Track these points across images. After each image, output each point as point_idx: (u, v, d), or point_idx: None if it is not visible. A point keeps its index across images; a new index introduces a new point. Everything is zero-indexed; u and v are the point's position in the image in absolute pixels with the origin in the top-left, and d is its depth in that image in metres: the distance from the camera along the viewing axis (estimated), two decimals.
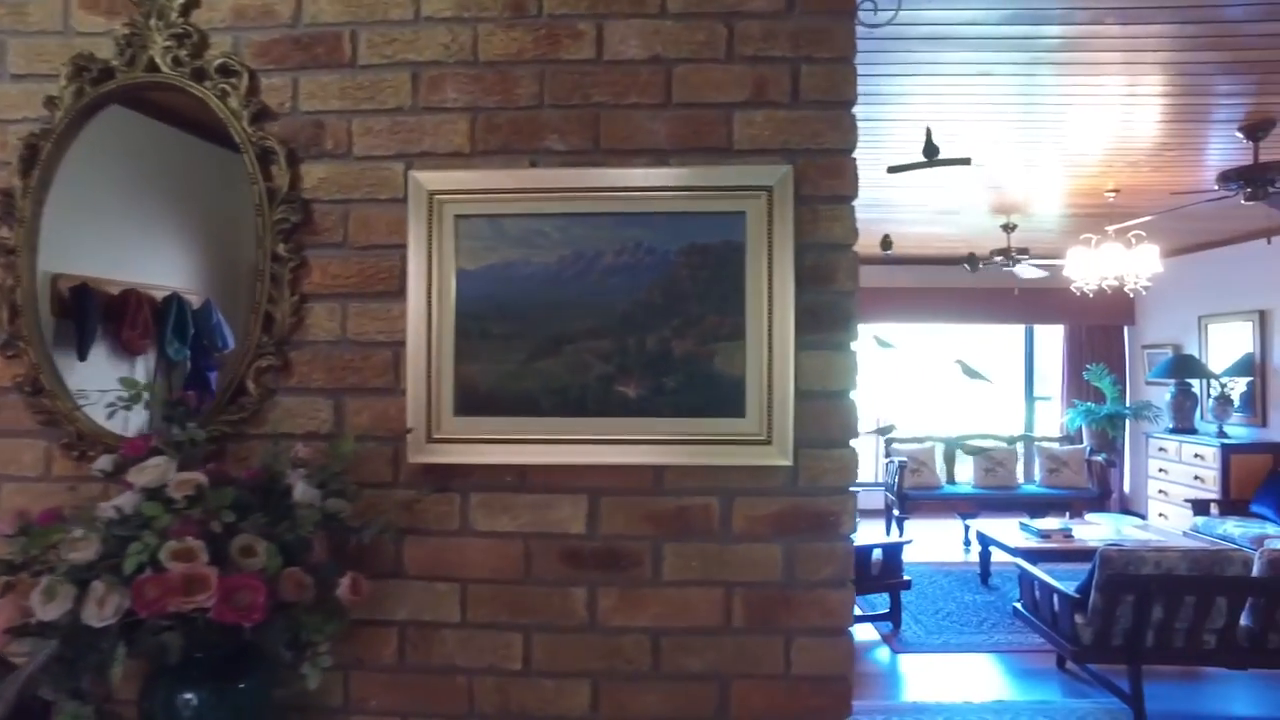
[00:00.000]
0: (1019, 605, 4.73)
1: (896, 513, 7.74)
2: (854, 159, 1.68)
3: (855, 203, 1.68)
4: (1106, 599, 3.92)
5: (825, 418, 1.65)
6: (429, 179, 1.68)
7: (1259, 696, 4.38)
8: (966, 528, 6.91)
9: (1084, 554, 5.83)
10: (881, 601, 5.44)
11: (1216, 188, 4.07)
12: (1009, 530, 6.01)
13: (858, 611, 5.59)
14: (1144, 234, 5.27)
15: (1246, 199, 3.94)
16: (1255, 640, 3.93)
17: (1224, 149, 4.28)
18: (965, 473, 8.23)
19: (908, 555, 7.22)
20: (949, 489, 7.94)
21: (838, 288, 1.66)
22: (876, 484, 8.83)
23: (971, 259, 5.97)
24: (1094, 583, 3.96)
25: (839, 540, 1.65)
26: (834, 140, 1.66)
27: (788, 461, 1.62)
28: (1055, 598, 4.24)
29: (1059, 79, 3.47)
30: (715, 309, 1.64)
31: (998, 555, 6.08)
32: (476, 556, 1.70)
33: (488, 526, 1.71)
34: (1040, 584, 4.41)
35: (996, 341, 13.68)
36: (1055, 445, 8.21)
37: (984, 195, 5.63)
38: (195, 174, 1.87)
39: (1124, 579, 3.86)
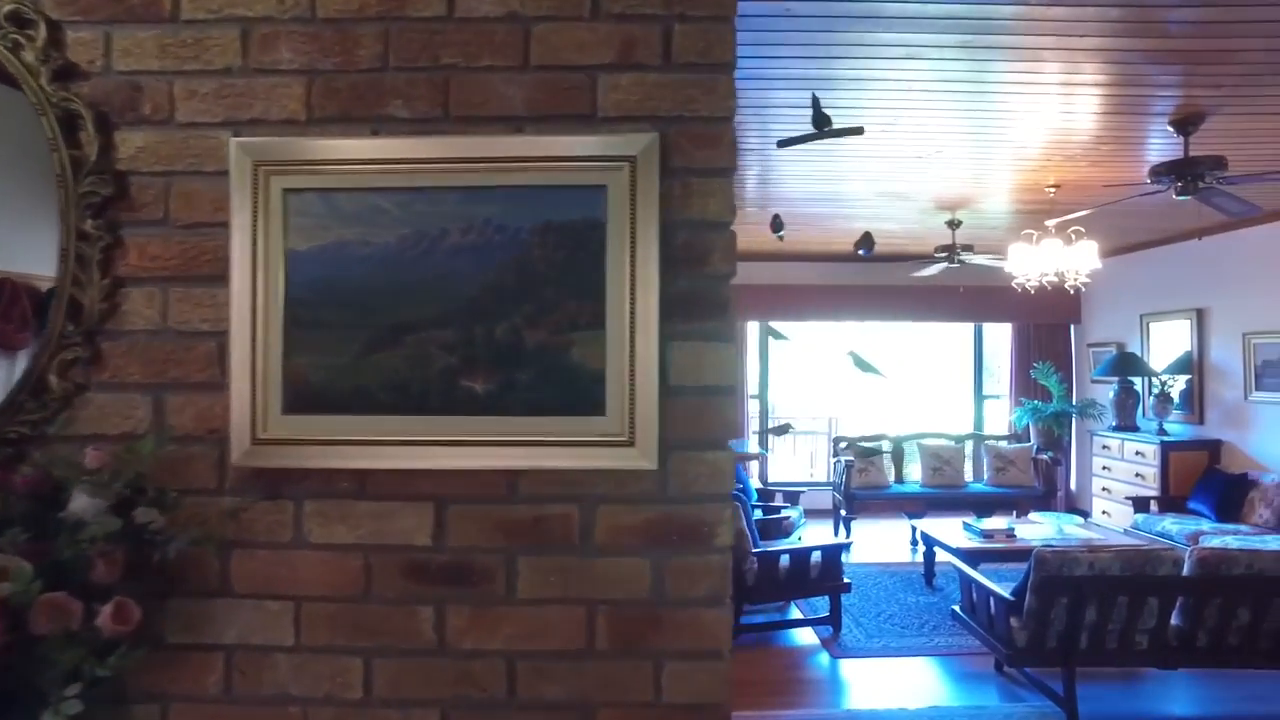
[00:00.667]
0: (958, 608, 4.64)
1: (844, 513, 7.65)
2: (732, 128, 1.52)
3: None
4: (1041, 601, 3.83)
5: (698, 417, 1.49)
6: (253, 147, 1.49)
7: (1191, 695, 4.34)
8: (914, 528, 6.83)
9: (1026, 554, 5.76)
10: (822, 605, 5.32)
11: (1149, 182, 4.01)
12: (952, 530, 5.93)
13: (797, 615, 5.48)
14: (1083, 230, 5.22)
15: (1178, 194, 3.88)
16: (1185, 639, 3.87)
17: (1158, 144, 4.23)
18: (916, 472, 8.19)
19: (854, 556, 7.19)
20: (897, 488, 7.87)
21: (712, 271, 1.50)
22: (825, 483, 8.77)
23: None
24: (1029, 585, 3.87)
25: (714, 553, 1.49)
26: (709, 107, 1.50)
27: (651, 465, 1.45)
28: (991, 600, 4.14)
29: (992, 63, 3.36)
30: (573, 294, 1.47)
31: (943, 555, 6.00)
32: (311, 572, 1.51)
33: (323, 538, 1.52)
34: (977, 586, 4.31)
35: (945, 339, 13.72)
36: (1002, 444, 8.20)
37: (925, 188, 5.54)
38: None
39: (1058, 581, 3.77)
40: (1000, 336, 9.62)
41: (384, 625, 1.51)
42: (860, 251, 5.13)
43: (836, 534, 7.68)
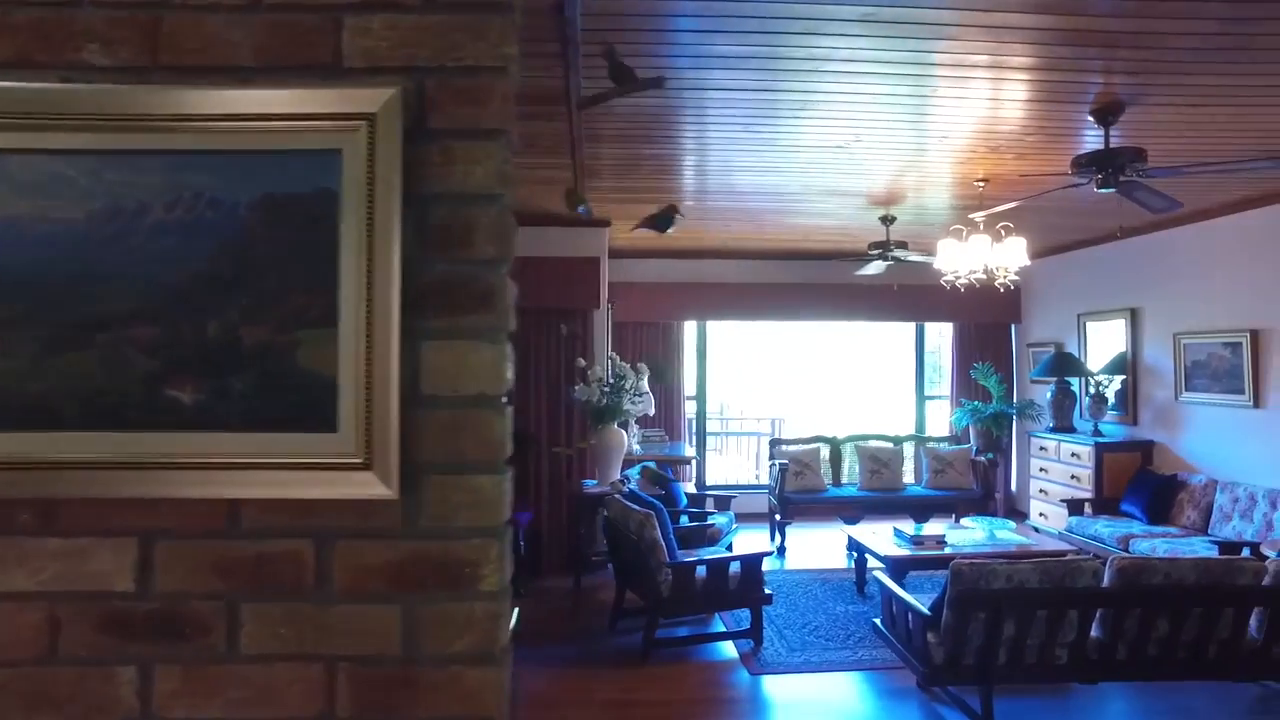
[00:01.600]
0: (878, 622, 4.44)
1: (778, 517, 7.45)
2: (509, 82, 1.26)
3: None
4: (958, 616, 3.64)
5: (457, 433, 1.22)
6: None
7: (1115, 710, 4.18)
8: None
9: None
10: (745, 617, 5.09)
11: (1070, 173, 3.85)
12: (883, 537, 5.75)
13: (721, 628, 5.25)
14: (1011, 226, 5.07)
15: (1098, 187, 3.72)
16: (1105, 652, 3.71)
17: (1081, 137, 4.07)
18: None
19: (788, 562, 6.99)
20: (834, 492, 7.69)
21: (476, 254, 1.24)
22: (760, 487, 8.57)
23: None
24: (945, 599, 3.67)
25: (479, 599, 1.23)
26: (477, 55, 1.24)
27: (391, 492, 1.18)
28: (910, 615, 3.94)
29: (903, 40, 3.14)
30: (301, 283, 1.19)
31: (876, 562, 5.82)
32: None
33: None
34: (896, 599, 4.11)
35: (889, 340, 13.62)
36: (941, 446, 8.06)
37: (853, 181, 5.34)
38: None
39: (975, 595, 3.58)
40: (944, 337, 9.52)
41: (73, 693, 1.22)
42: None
43: (773, 540, 7.48)
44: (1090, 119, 3.73)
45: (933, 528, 5.79)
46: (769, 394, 14.65)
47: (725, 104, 3.93)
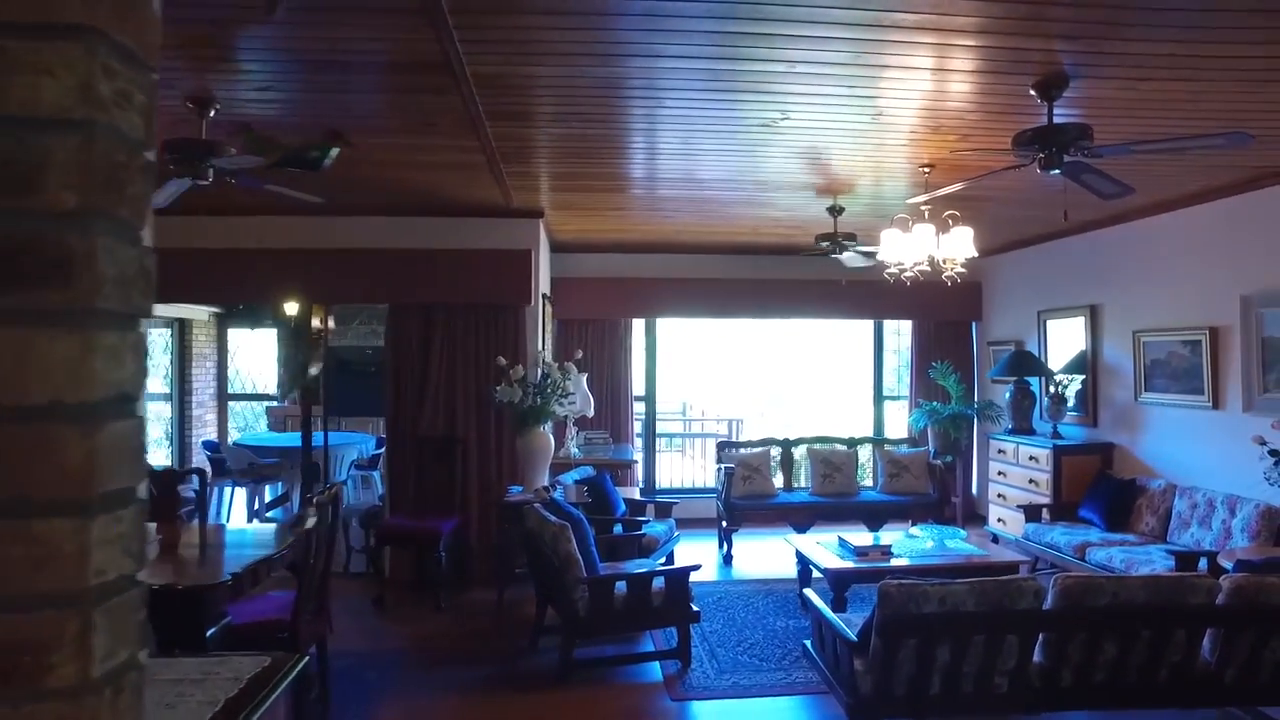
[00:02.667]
0: (809, 644, 4.09)
1: (725, 524, 7.10)
2: None
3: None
4: (886, 642, 3.28)
5: (18, 461, 0.84)
6: None
7: None
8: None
9: (906, 574, 5.29)
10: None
11: (1011, 151, 3.51)
12: (825, 548, 5.41)
13: (651, 647, 4.88)
14: (959, 215, 4.74)
15: (1042, 168, 3.39)
16: (1048, 679, 3.38)
17: (1026, 115, 3.72)
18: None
19: (734, 572, 6.64)
20: (784, 497, 7.35)
21: (49, 205, 0.85)
22: (709, 490, 8.23)
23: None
24: (873, 624, 3.32)
25: (47, 701, 0.84)
26: None
27: None
28: (837, 639, 3.59)
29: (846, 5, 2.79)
30: None
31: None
32: None
33: None
34: (825, 620, 3.76)
35: (849, 338, 13.33)
36: (898, 448, 7.75)
37: (794, 167, 4.99)
38: None
39: (905, 619, 3.23)
40: (904, 335, 9.23)
41: None
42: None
43: (721, 548, 7.12)
44: (1033, 93, 3.39)
45: (889, 535, 5.45)
46: (728, 395, 14.36)
47: (667, 77, 3.55)
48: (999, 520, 7.29)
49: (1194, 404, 5.73)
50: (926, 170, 4.81)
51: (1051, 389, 7.06)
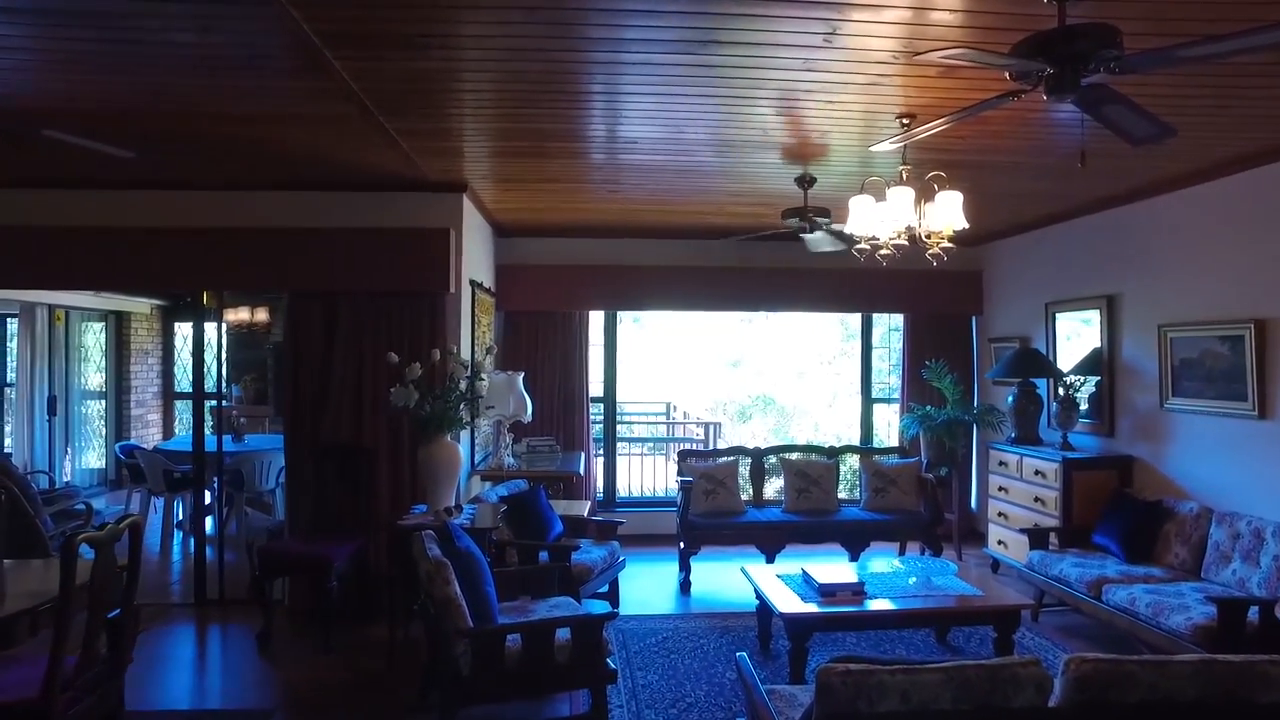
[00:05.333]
0: None
1: (683, 546, 6.17)
2: None
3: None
4: None
5: None
6: None
7: None
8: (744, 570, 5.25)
9: (881, 621, 4.37)
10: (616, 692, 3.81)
11: (1008, 78, 2.58)
12: (785, 585, 4.47)
13: (567, 711, 3.96)
14: (945, 176, 3.81)
15: (1049, 92, 2.46)
16: None
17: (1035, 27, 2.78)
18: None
19: (692, 603, 5.70)
20: (752, 515, 6.41)
21: None
22: (669, 502, 7.30)
23: None
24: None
25: None
26: None
27: None
28: None
29: None
30: None
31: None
32: None
33: None
34: (756, 703, 2.83)
35: (833, 332, 12.36)
36: (884, 459, 6.80)
37: (740, 112, 4.05)
38: None
39: None
40: (897, 330, 8.29)
41: None
42: None
43: (681, 570, 6.20)
44: None
45: (840, 572, 4.50)
46: (712, 396, 13.42)
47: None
48: (1000, 543, 6.33)
49: (1234, 412, 4.77)
50: (906, 122, 3.87)
51: (1061, 392, 6.11)
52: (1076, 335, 6.45)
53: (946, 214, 3.69)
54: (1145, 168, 4.88)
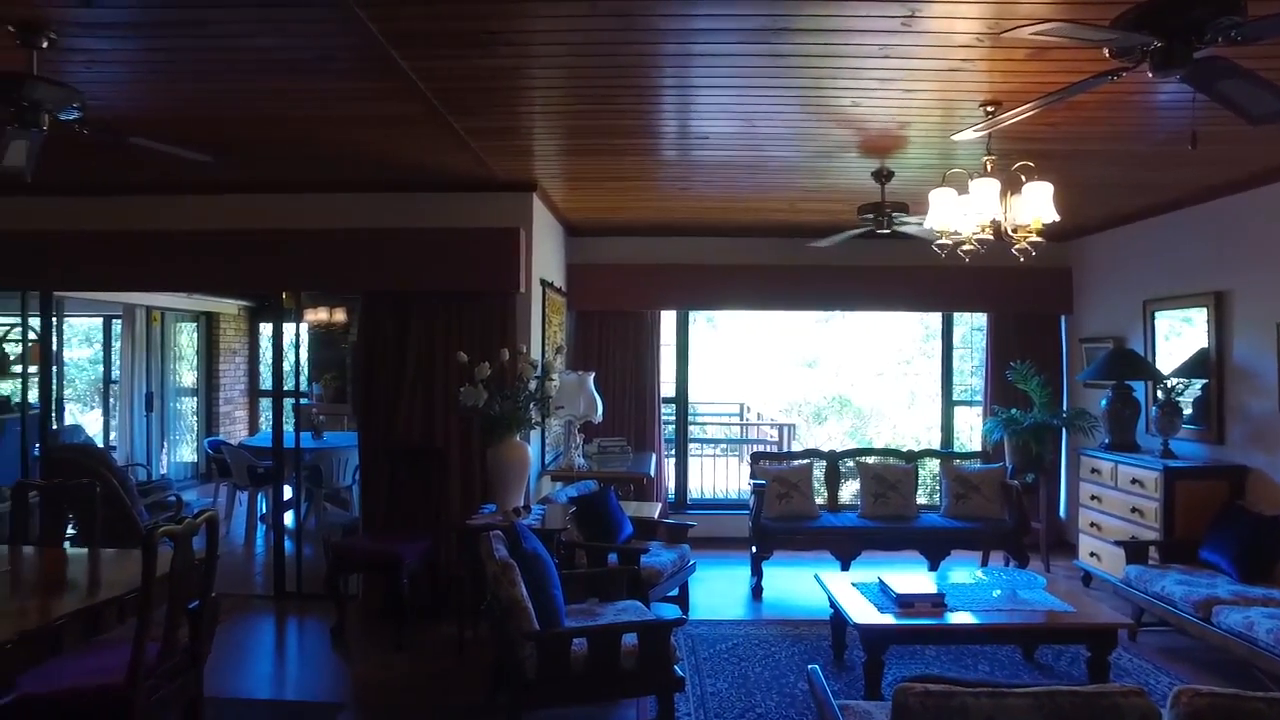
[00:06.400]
0: None
1: (755, 550, 6.03)
2: None
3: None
4: None
5: None
6: None
7: None
8: (818, 578, 5.06)
9: (961, 635, 4.16)
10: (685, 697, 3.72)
11: (1107, 55, 2.37)
12: (861, 594, 4.30)
13: (633, 717, 3.89)
14: (1033, 166, 3.58)
15: (1156, 69, 2.26)
16: None
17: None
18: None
19: (764, 609, 5.55)
20: (828, 520, 6.22)
21: None
22: (741, 505, 7.16)
23: None
24: None
25: None
26: None
27: None
28: None
29: None
30: None
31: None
32: None
33: None
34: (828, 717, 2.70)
35: (912, 332, 11.97)
36: (966, 464, 6.51)
37: (808, 104, 3.91)
38: None
39: None
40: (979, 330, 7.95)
41: None
42: None
43: (753, 575, 6.06)
44: None
45: (919, 582, 4.30)
46: (786, 397, 13.17)
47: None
48: (1092, 555, 5.98)
49: None
50: (990, 110, 3.67)
51: (1161, 396, 5.72)
52: (1177, 335, 6.05)
53: (1035, 206, 3.47)
54: (1263, 150, 4.50)
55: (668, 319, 7.73)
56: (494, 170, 5.05)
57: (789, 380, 13.83)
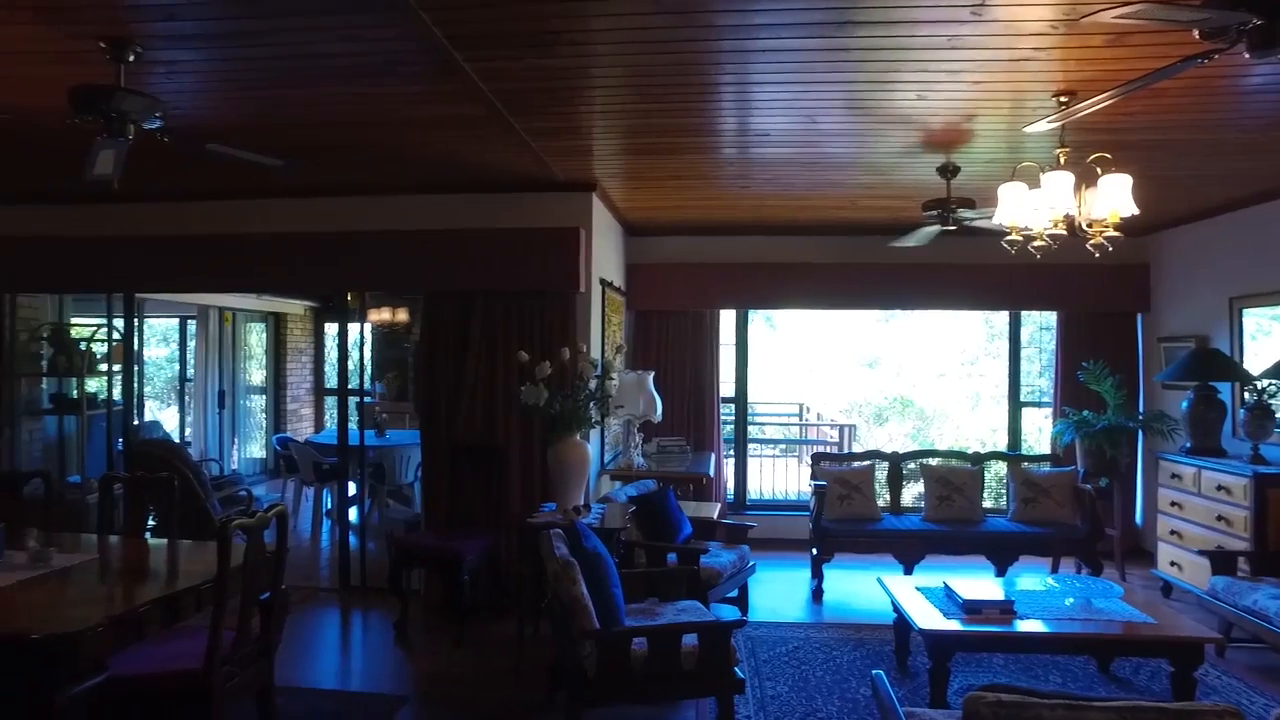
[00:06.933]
0: None
1: (815, 552, 5.94)
2: None
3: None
4: None
5: None
6: None
7: None
8: (880, 581, 4.96)
9: (1028, 643, 4.02)
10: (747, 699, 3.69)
11: (1197, 37, 2.25)
12: (925, 598, 4.20)
13: (693, 717, 3.87)
14: (1110, 158, 3.44)
15: (1255, 49, 2.13)
16: None
17: None
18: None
19: (824, 612, 5.47)
20: (890, 522, 6.10)
21: None
22: (801, 506, 7.06)
23: None
24: None
25: None
26: None
27: None
28: None
29: None
30: None
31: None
32: None
33: None
34: None
35: (976, 331, 11.69)
36: (1035, 467, 6.31)
37: (893, 112, 3.84)
38: None
39: None
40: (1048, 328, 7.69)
41: None
42: None
43: (813, 578, 5.98)
44: None
45: (986, 588, 4.17)
46: (846, 397, 12.97)
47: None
48: (1173, 565, 5.73)
49: None
50: (1064, 100, 3.54)
51: (1249, 398, 5.45)
52: (1265, 333, 5.76)
53: (1112, 199, 3.33)
54: None
55: (727, 318, 7.69)
56: (554, 170, 5.08)
57: (849, 380, 13.62)
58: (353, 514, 7.12)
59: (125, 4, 2.81)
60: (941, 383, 13.59)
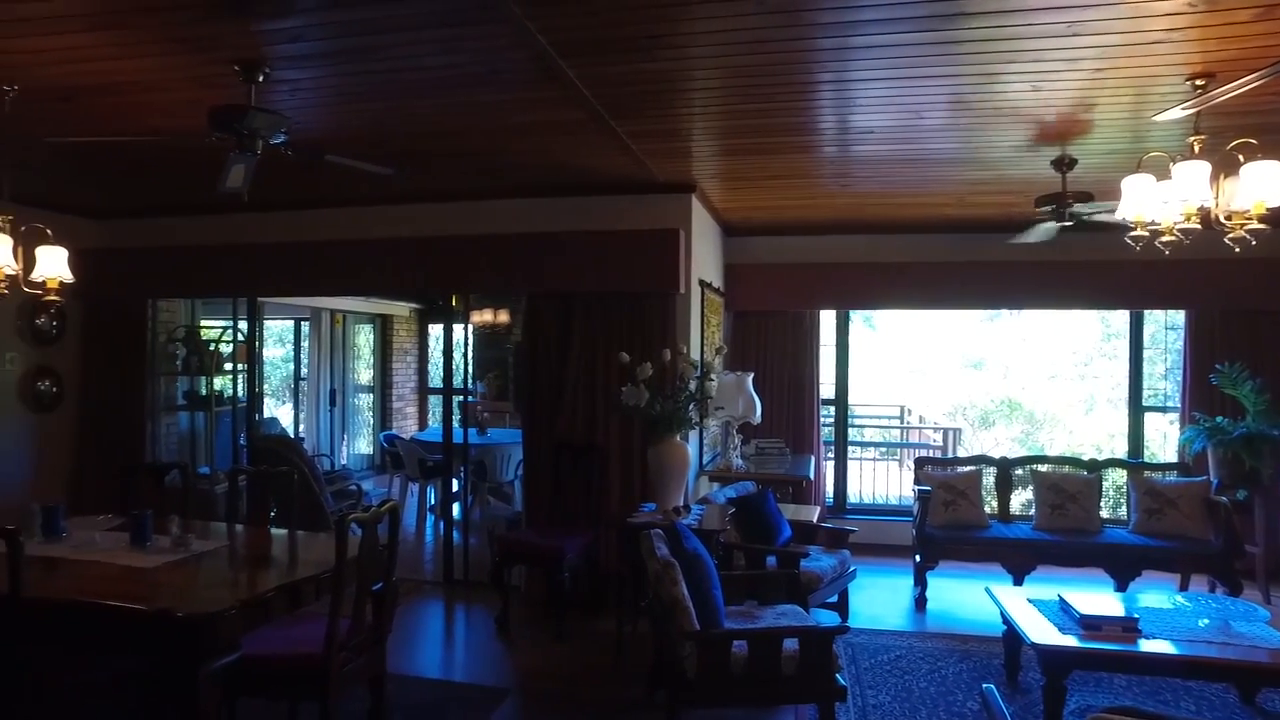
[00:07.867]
0: None
1: (918, 559, 5.76)
2: None
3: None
4: None
5: None
6: None
7: None
8: (989, 591, 4.77)
9: (1153, 665, 3.76)
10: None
11: None
12: (1039, 611, 4.01)
13: None
14: (1255, 143, 3.19)
15: None
16: None
17: None
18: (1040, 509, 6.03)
19: (928, 621, 5.29)
20: (998, 530, 5.86)
21: None
22: (903, 511, 6.85)
23: None
24: None
25: None
26: None
27: None
28: None
29: None
30: None
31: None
32: None
33: None
34: None
35: (1090, 330, 11.15)
36: (1161, 476, 5.93)
37: (1005, 105, 3.69)
38: None
39: None
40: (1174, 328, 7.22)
41: None
42: None
43: (916, 585, 5.80)
44: None
45: (1106, 603, 3.94)
46: (950, 399, 12.53)
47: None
48: None
49: None
50: (1201, 84, 3.31)
51: None
52: None
53: (1257, 189, 3.08)
54: None
55: (827, 319, 7.55)
56: (654, 172, 5.11)
57: (953, 382, 13.16)
58: (455, 510, 7.35)
59: (259, 29, 2.99)
60: (1052, 385, 12.96)
